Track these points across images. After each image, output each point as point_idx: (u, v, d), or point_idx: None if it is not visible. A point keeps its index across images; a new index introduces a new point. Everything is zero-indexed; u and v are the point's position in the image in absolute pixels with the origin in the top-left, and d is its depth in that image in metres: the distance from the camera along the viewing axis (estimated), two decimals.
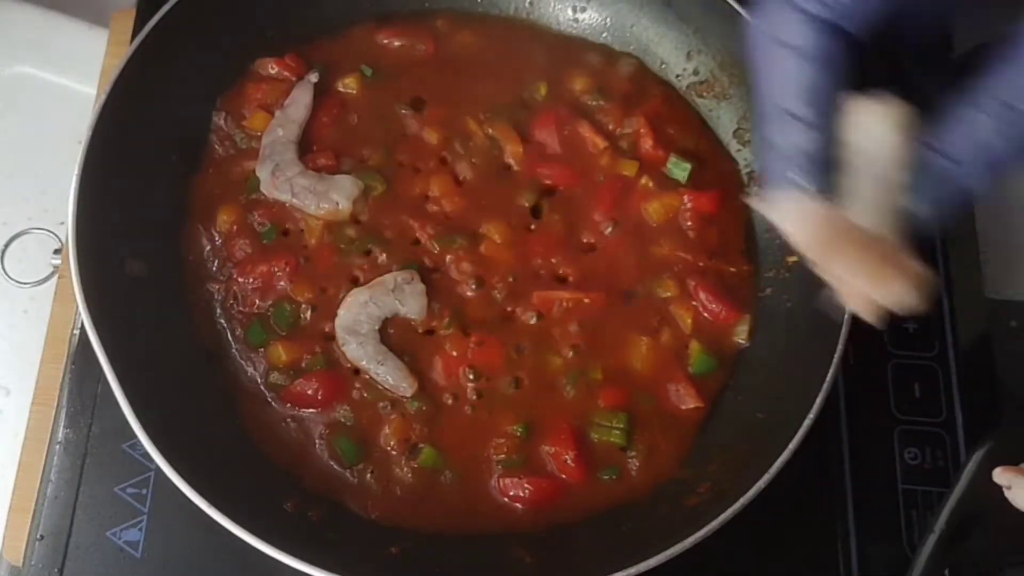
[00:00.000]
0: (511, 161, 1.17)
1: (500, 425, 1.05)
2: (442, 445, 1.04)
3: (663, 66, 1.26)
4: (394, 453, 1.03)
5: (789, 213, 0.73)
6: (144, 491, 1.08)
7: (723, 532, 0.91)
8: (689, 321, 1.10)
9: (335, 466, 1.03)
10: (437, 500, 1.03)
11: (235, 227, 1.12)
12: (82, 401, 1.11)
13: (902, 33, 0.72)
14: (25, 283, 1.24)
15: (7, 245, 1.27)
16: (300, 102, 1.16)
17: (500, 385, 1.06)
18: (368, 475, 1.03)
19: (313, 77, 1.18)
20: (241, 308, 1.09)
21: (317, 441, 1.04)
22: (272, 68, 1.19)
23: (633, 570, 0.89)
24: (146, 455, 0.95)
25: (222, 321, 1.08)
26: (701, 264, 1.14)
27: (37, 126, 1.41)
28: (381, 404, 1.05)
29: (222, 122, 1.17)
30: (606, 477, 1.04)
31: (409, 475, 1.03)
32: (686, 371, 1.09)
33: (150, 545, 1.06)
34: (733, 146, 1.22)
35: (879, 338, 1.21)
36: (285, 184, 1.11)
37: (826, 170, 0.71)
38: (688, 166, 1.17)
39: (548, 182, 1.17)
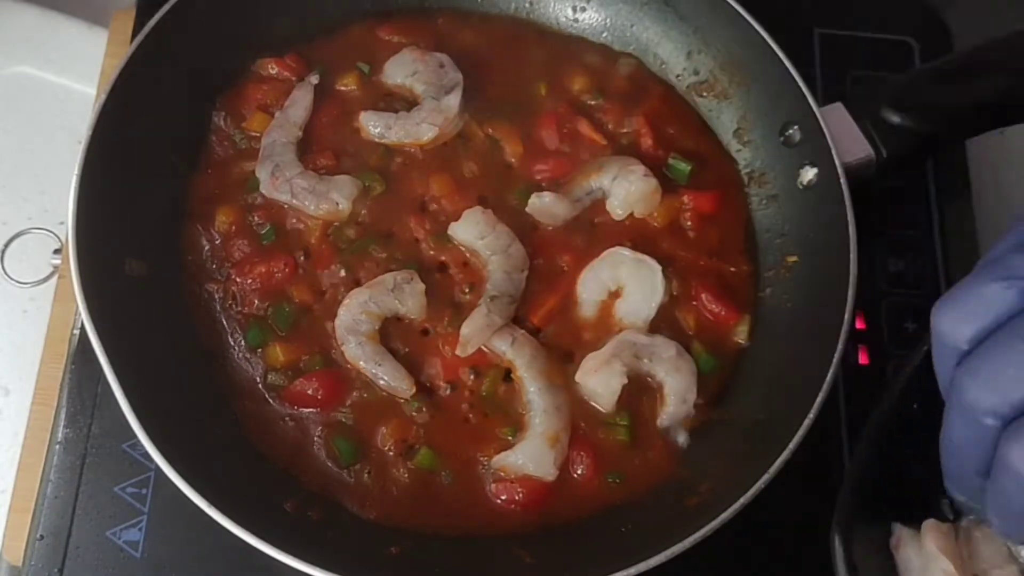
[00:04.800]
0: (511, 161, 1.17)
1: (498, 426, 1.05)
2: (439, 446, 1.04)
3: (663, 66, 1.26)
4: (391, 454, 1.03)
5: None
6: (144, 491, 1.08)
7: (723, 532, 0.91)
8: (692, 322, 1.10)
9: (332, 466, 1.03)
10: (435, 501, 1.02)
11: (234, 227, 1.11)
12: (82, 401, 1.11)
13: None
14: (25, 283, 1.24)
15: (7, 245, 1.26)
16: (300, 103, 1.16)
17: (499, 385, 1.06)
18: (365, 475, 1.03)
19: (314, 79, 1.18)
20: (240, 309, 1.08)
21: (315, 440, 1.04)
22: (272, 68, 1.19)
23: (633, 570, 0.89)
24: (146, 455, 0.95)
25: (222, 321, 1.08)
26: (701, 263, 1.14)
27: (37, 126, 1.41)
28: (380, 404, 1.05)
29: (222, 122, 1.17)
30: (612, 480, 1.04)
31: (406, 476, 1.03)
32: None
33: (150, 545, 1.06)
34: (733, 146, 1.22)
35: (879, 338, 1.21)
36: (285, 185, 1.11)
37: None
38: (688, 166, 1.17)
39: (548, 182, 1.17)
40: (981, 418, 0.65)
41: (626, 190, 1.12)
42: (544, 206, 1.11)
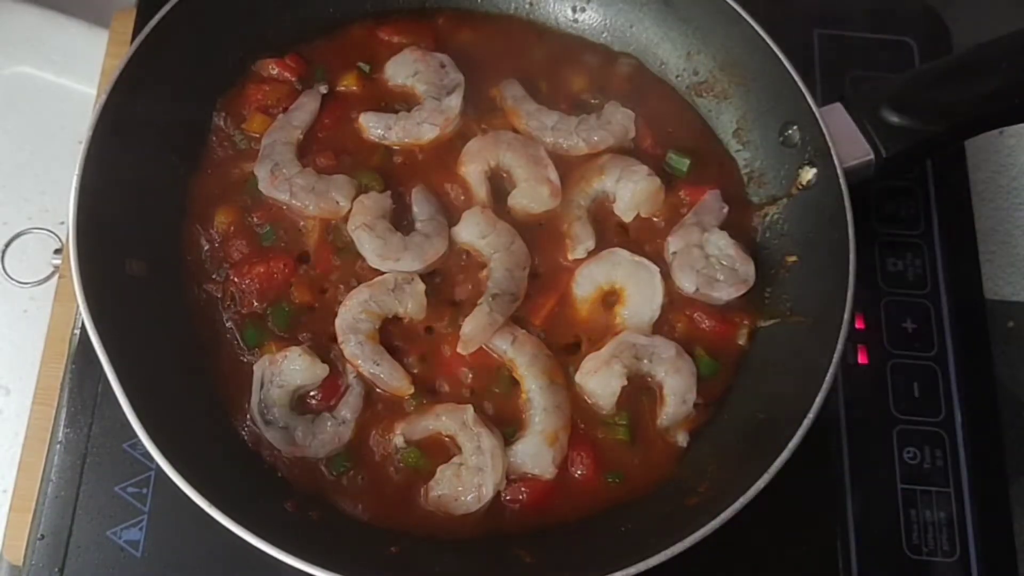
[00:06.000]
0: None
1: (497, 425, 1.04)
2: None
3: (662, 66, 1.26)
4: (386, 453, 1.03)
5: None
6: (144, 490, 1.08)
7: (723, 532, 0.91)
8: (679, 326, 1.10)
9: (325, 472, 1.03)
10: None
11: (232, 228, 1.11)
12: (82, 401, 1.11)
13: None
14: (25, 283, 1.24)
15: (7, 245, 1.26)
16: (306, 109, 1.16)
17: (498, 386, 1.06)
18: (359, 479, 1.03)
19: (323, 88, 1.18)
20: (238, 309, 1.08)
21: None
22: (272, 69, 1.19)
23: (633, 570, 0.90)
24: (146, 455, 0.95)
25: (221, 321, 1.08)
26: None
27: (37, 126, 1.41)
28: (378, 404, 1.05)
29: (222, 123, 1.17)
30: (611, 480, 1.04)
31: (400, 476, 1.03)
32: None
33: (150, 544, 1.06)
34: (733, 146, 1.22)
35: (879, 338, 1.21)
36: (284, 183, 1.11)
37: None
38: (686, 160, 1.17)
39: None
40: None
41: (631, 191, 1.12)
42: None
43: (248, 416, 1.03)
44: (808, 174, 1.12)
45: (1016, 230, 1.39)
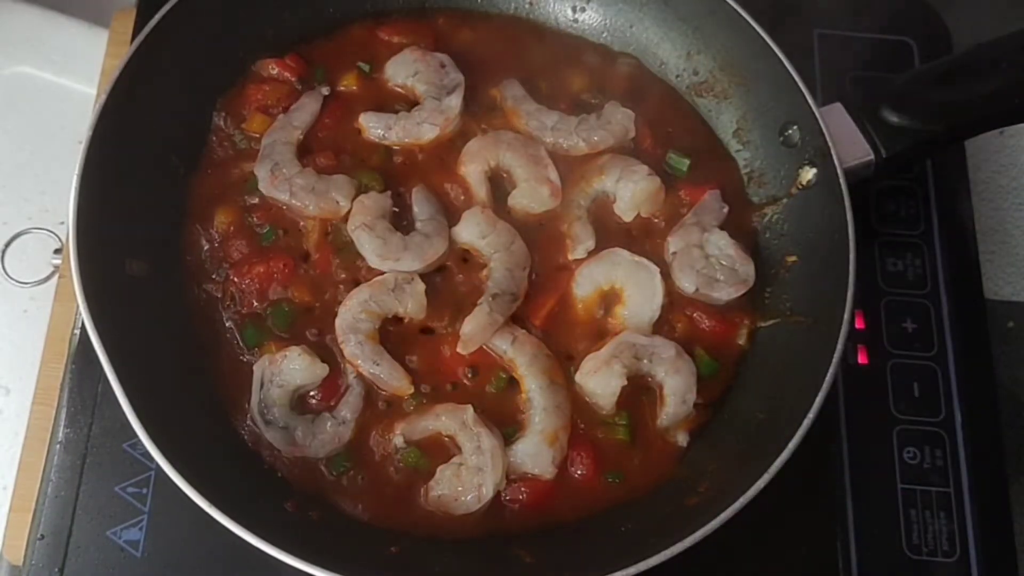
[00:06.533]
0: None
1: (498, 425, 1.04)
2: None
3: (662, 66, 1.26)
4: (386, 453, 1.03)
5: None
6: (144, 490, 1.08)
7: (723, 532, 0.91)
8: (679, 326, 1.10)
9: (325, 472, 1.03)
10: None
11: (232, 228, 1.11)
12: (82, 401, 1.11)
13: None
14: (25, 283, 1.24)
15: (7, 245, 1.27)
16: (307, 109, 1.16)
17: (498, 385, 1.06)
18: (360, 478, 1.03)
19: (324, 90, 1.18)
20: (238, 309, 1.08)
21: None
22: (272, 69, 1.19)
23: (633, 570, 0.90)
24: (146, 454, 0.95)
25: (221, 321, 1.08)
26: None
27: (37, 126, 1.41)
28: (378, 404, 1.05)
29: (222, 123, 1.17)
30: (611, 479, 1.04)
31: (400, 476, 1.03)
32: None
33: (150, 544, 1.06)
34: (733, 146, 1.22)
35: (879, 338, 1.21)
36: (284, 183, 1.11)
37: None
38: (686, 160, 1.17)
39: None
40: None
41: (631, 191, 1.12)
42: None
43: (248, 416, 1.03)
44: (808, 174, 1.12)
45: (1016, 230, 1.39)
